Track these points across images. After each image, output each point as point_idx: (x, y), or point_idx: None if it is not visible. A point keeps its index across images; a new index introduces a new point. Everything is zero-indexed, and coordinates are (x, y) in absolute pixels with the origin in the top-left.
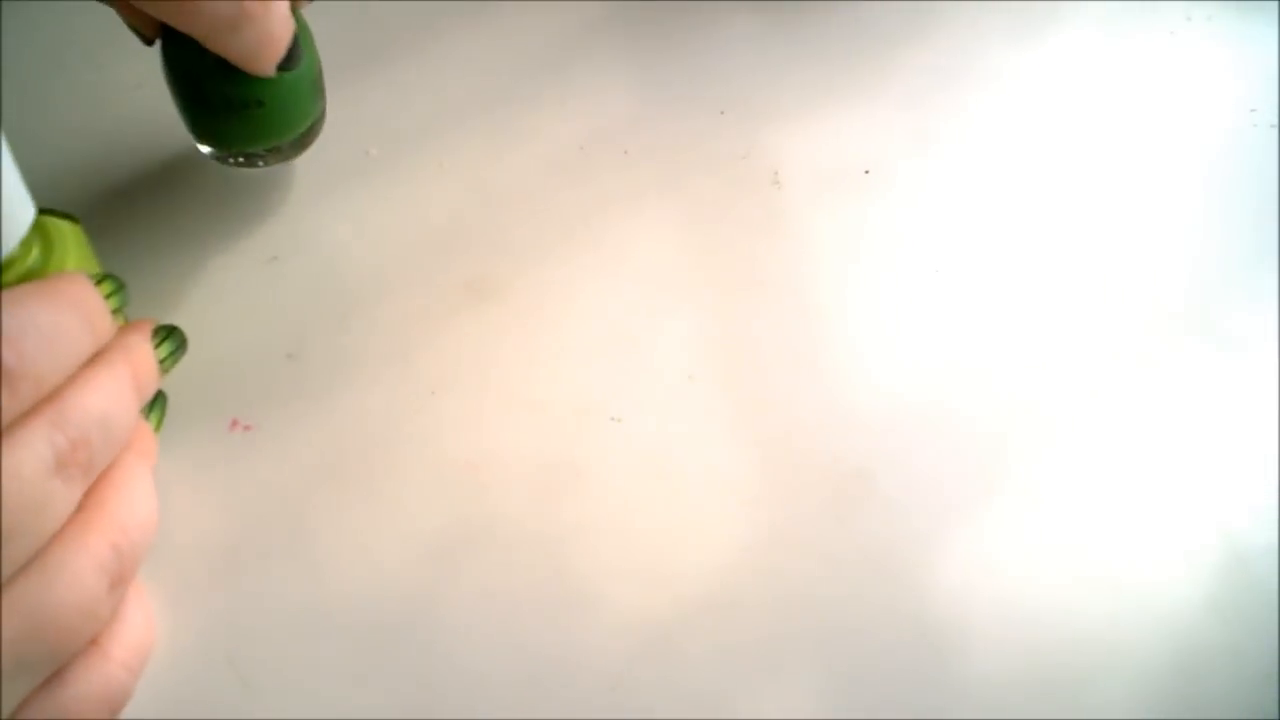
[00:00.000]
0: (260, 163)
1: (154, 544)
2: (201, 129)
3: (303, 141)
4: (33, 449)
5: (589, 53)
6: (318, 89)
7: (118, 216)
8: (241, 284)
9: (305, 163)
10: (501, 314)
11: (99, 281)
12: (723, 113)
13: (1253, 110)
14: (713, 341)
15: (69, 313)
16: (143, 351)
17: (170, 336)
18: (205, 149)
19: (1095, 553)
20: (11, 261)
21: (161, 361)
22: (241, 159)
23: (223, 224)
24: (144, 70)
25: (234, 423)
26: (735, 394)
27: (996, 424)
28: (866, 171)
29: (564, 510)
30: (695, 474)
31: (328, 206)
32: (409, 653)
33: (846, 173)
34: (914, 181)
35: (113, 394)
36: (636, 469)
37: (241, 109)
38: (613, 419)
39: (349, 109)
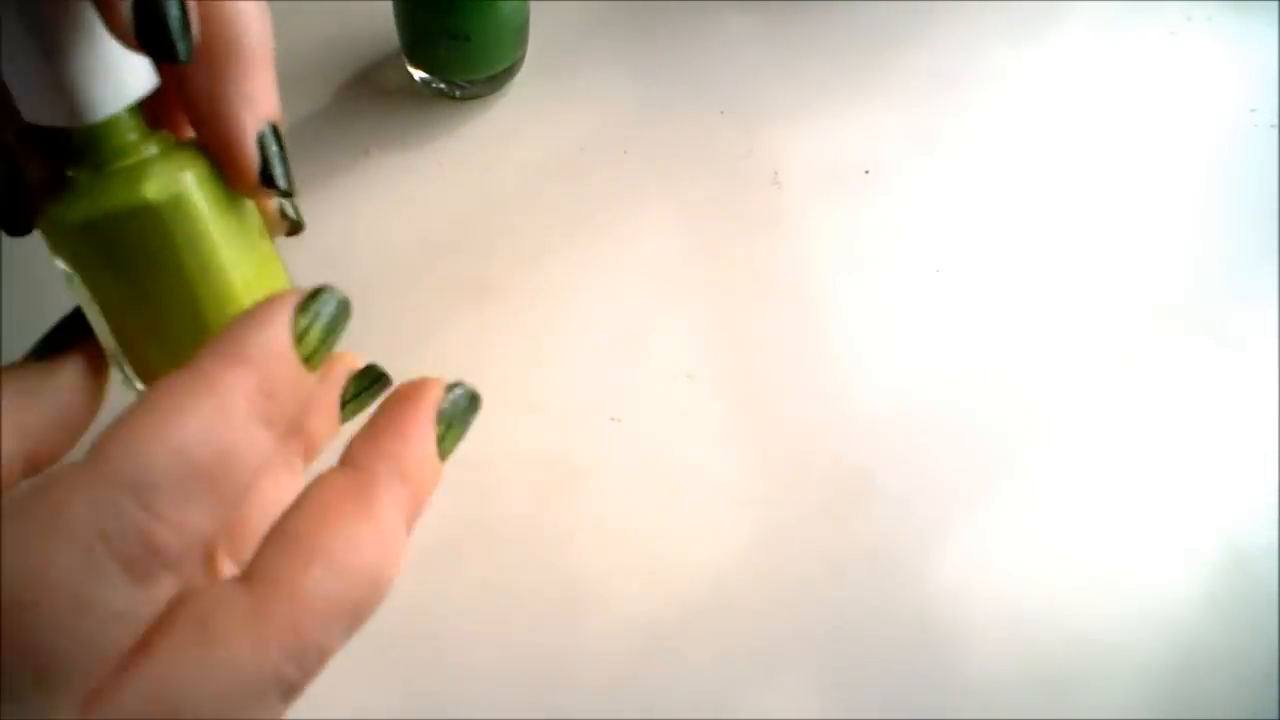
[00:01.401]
0: (458, 93)
1: None
2: (414, 53)
3: (497, 81)
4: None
5: (589, 53)
6: (520, 38)
7: None
8: None
9: (305, 162)
10: (501, 314)
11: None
12: (723, 113)
13: (1253, 110)
14: (712, 341)
15: (239, 420)
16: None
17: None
18: (416, 73)
19: (1095, 552)
20: (119, 141)
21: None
22: (443, 85)
23: None
24: None
25: None
26: (735, 394)
27: (996, 424)
28: (866, 171)
29: (564, 510)
30: (695, 474)
31: (328, 206)
32: (409, 652)
33: (846, 173)
34: (914, 181)
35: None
36: (636, 469)
37: (450, 39)
38: (613, 419)
39: (348, 109)
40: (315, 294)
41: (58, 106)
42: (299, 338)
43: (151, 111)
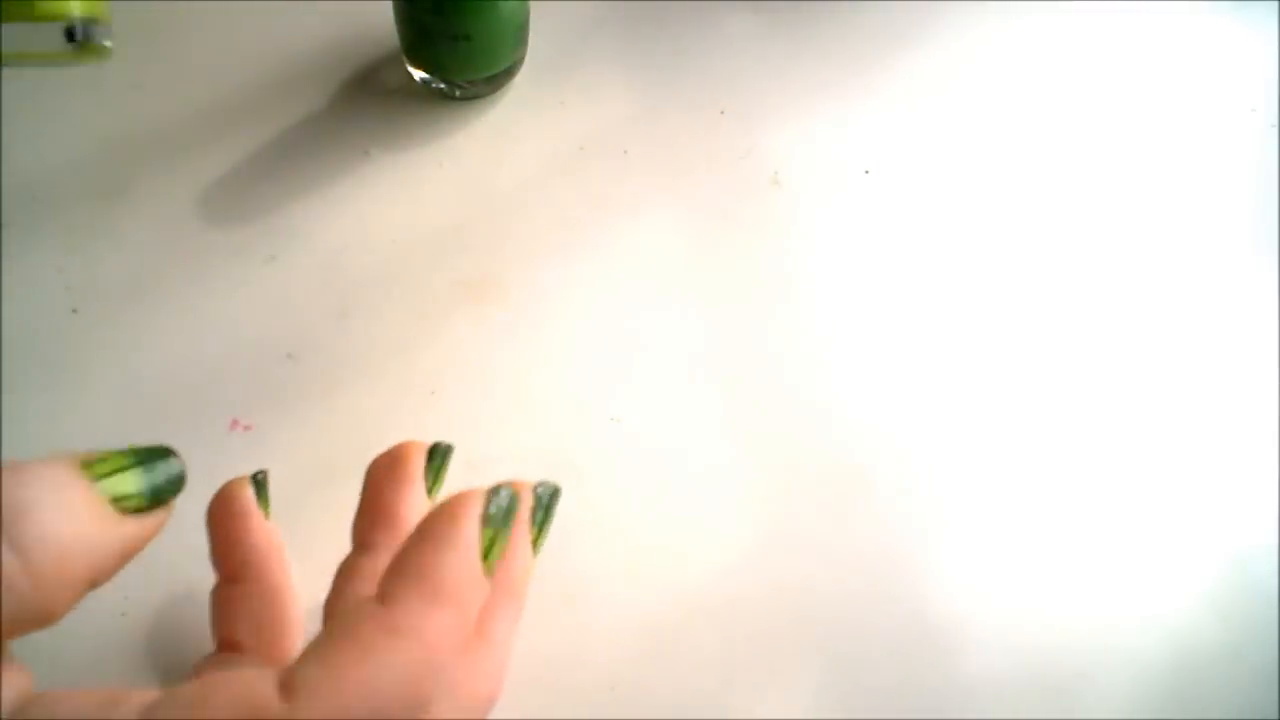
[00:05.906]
0: (458, 92)
1: (154, 547)
2: (414, 53)
3: (497, 81)
4: None
5: (589, 53)
6: (520, 38)
7: (118, 216)
8: (241, 284)
9: (305, 162)
10: (501, 314)
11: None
12: (723, 113)
13: (1253, 110)
14: (712, 341)
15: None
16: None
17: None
18: (416, 73)
19: (1095, 552)
20: None
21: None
22: (443, 85)
23: (223, 224)
24: (143, 71)
25: (234, 423)
26: (735, 394)
27: (996, 423)
28: (866, 171)
29: (563, 510)
30: (695, 474)
31: (328, 206)
32: None
33: (846, 173)
34: (914, 181)
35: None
36: (636, 469)
37: (451, 40)
38: (612, 419)
39: (348, 109)
40: (493, 495)
41: None
42: (484, 553)
43: None
